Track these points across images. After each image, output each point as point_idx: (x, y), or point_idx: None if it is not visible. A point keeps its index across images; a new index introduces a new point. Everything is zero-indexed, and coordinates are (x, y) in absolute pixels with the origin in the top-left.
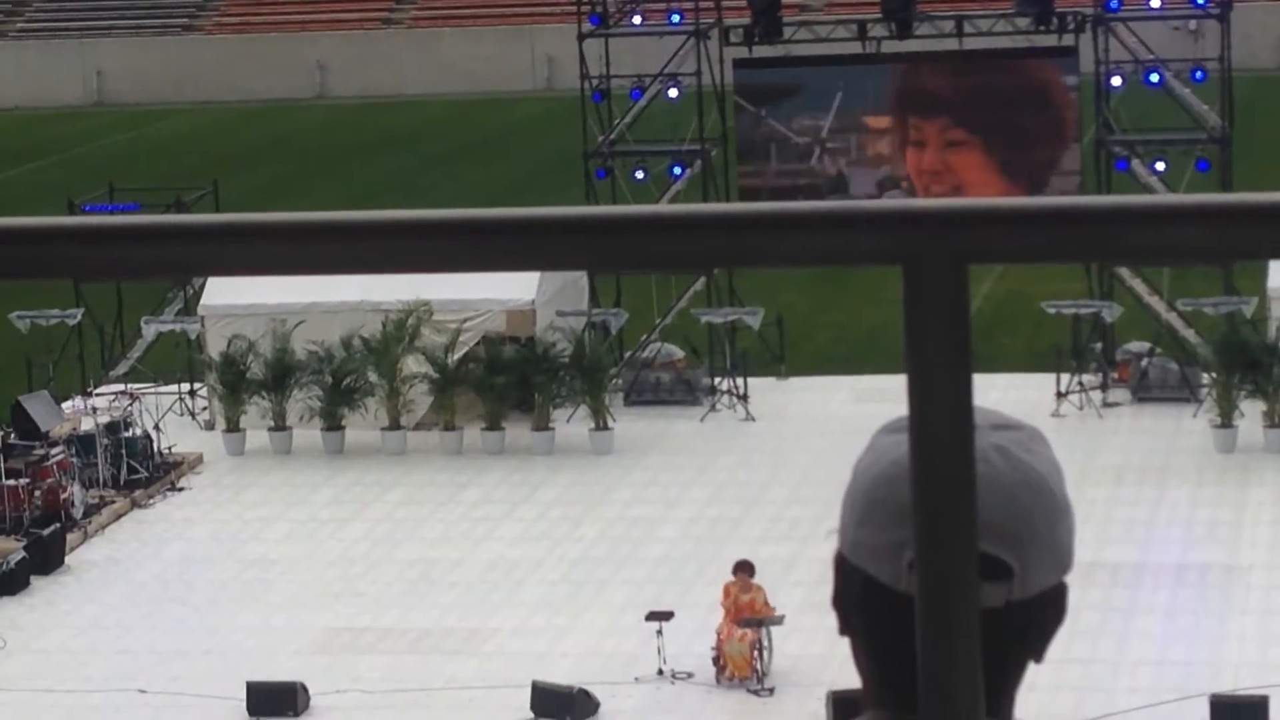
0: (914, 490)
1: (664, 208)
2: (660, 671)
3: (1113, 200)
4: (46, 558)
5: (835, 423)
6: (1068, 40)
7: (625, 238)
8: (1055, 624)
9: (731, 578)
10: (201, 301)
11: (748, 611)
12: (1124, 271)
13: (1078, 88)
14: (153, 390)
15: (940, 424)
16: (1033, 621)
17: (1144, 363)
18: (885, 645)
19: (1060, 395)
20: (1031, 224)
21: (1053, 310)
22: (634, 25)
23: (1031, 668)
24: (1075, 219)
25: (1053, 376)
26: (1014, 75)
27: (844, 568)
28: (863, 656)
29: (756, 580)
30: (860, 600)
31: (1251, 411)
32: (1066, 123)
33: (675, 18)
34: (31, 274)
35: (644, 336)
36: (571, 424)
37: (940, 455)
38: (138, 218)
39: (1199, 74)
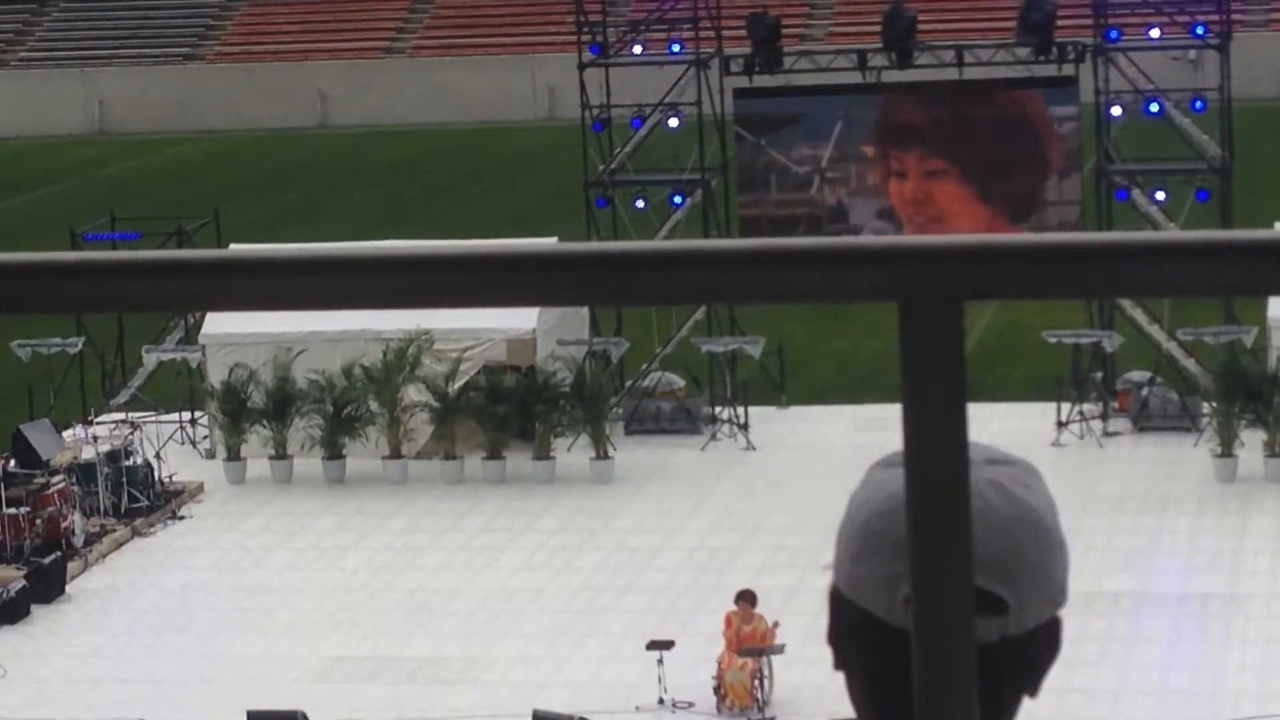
0: (909, 525)
1: (658, 244)
2: (661, 700)
3: (1109, 237)
4: (47, 586)
5: (836, 452)
6: (1068, 70)
7: (620, 274)
8: (1050, 658)
9: (734, 607)
10: (202, 330)
11: (750, 641)
12: (1124, 301)
13: (1077, 117)
14: (154, 419)
15: (935, 459)
16: (1028, 656)
17: (1144, 392)
18: (881, 680)
19: (1060, 424)
20: (1027, 261)
21: (1053, 340)
22: (634, 55)
23: (1029, 701)
24: (1071, 256)
25: (1053, 406)
26: (995, 106)
27: (839, 603)
28: (858, 692)
29: (759, 610)
30: (856, 635)
31: (1252, 441)
32: (1050, 152)
33: (675, 47)
34: (33, 309)
35: (645, 365)
36: (572, 453)
37: (936, 490)
38: (138, 254)
39: (1199, 104)
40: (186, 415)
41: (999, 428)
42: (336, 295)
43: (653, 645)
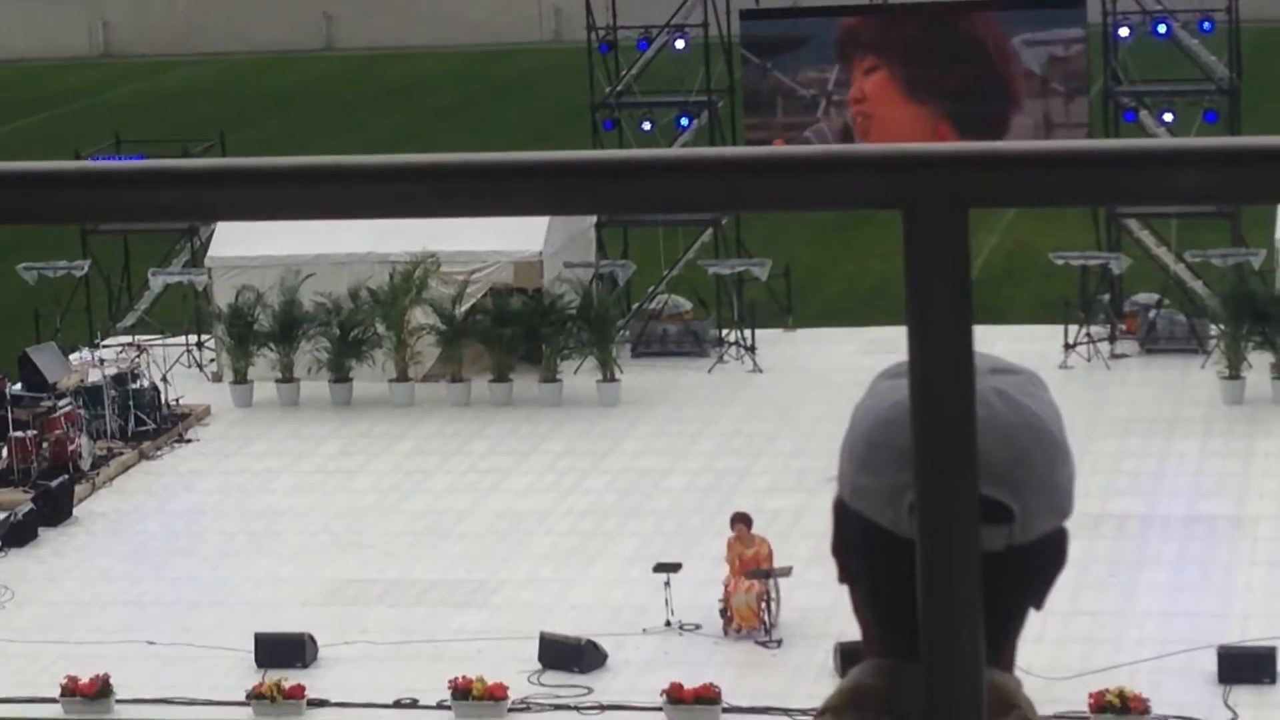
0: (914, 433)
1: (662, 152)
2: (668, 623)
3: (1113, 143)
4: (54, 509)
5: (842, 374)
6: None
7: (625, 182)
8: (1056, 569)
9: (731, 532)
10: (209, 253)
11: (751, 564)
12: (1132, 223)
13: (1084, 39)
14: (160, 342)
15: (940, 366)
16: (1033, 566)
17: (1152, 314)
18: (885, 591)
19: (1068, 347)
20: (1032, 168)
21: (1060, 262)
22: None
23: (1040, 620)
24: (1076, 162)
25: (1060, 328)
26: (958, 27)
27: (843, 514)
28: (862, 604)
29: (764, 532)
30: (860, 546)
31: (1259, 363)
32: (1009, 80)
33: None
34: (34, 219)
35: (651, 288)
36: (579, 376)
37: (940, 397)
38: (141, 163)
39: (1207, 25)
40: (193, 338)
41: (1006, 349)
42: (342, 205)
43: (659, 568)
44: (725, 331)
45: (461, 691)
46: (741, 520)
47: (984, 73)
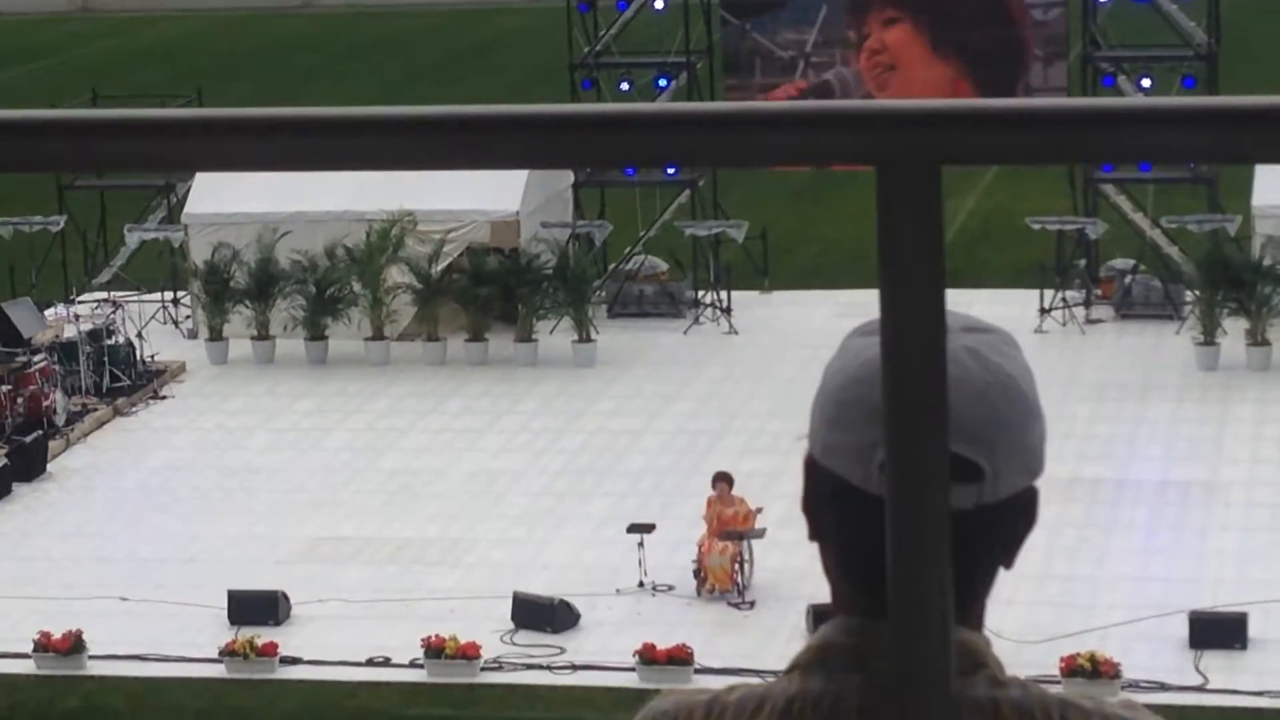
0: (885, 390)
1: (635, 106)
2: (641, 584)
3: (1085, 102)
4: (28, 464)
5: (818, 336)
6: None
7: (599, 136)
8: (1026, 529)
9: (711, 491)
10: (185, 210)
11: (730, 524)
12: (1108, 188)
13: (1063, 3)
14: (136, 298)
15: (913, 324)
16: (1003, 525)
17: (1127, 280)
18: (855, 549)
19: (1043, 311)
20: (1006, 125)
21: (1037, 226)
22: None
23: (1012, 583)
24: (1049, 120)
25: (1036, 293)
26: None
27: (814, 471)
28: (832, 561)
29: (739, 493)
30: (830, 503)
31: (1234, 329)
32: (1025, 35)
33: None
34: (7, 168)
35: (628, 249)
36: (555, 336)
37: (912, 355)
38: (116, 111)
39: None
40: (169, 295)
41: (981, 313)
42: (320, 157)
43: (633, 528)
44: (701, 293)
45: (434, 650)
46: (724, 479)
47: (1006, 33)
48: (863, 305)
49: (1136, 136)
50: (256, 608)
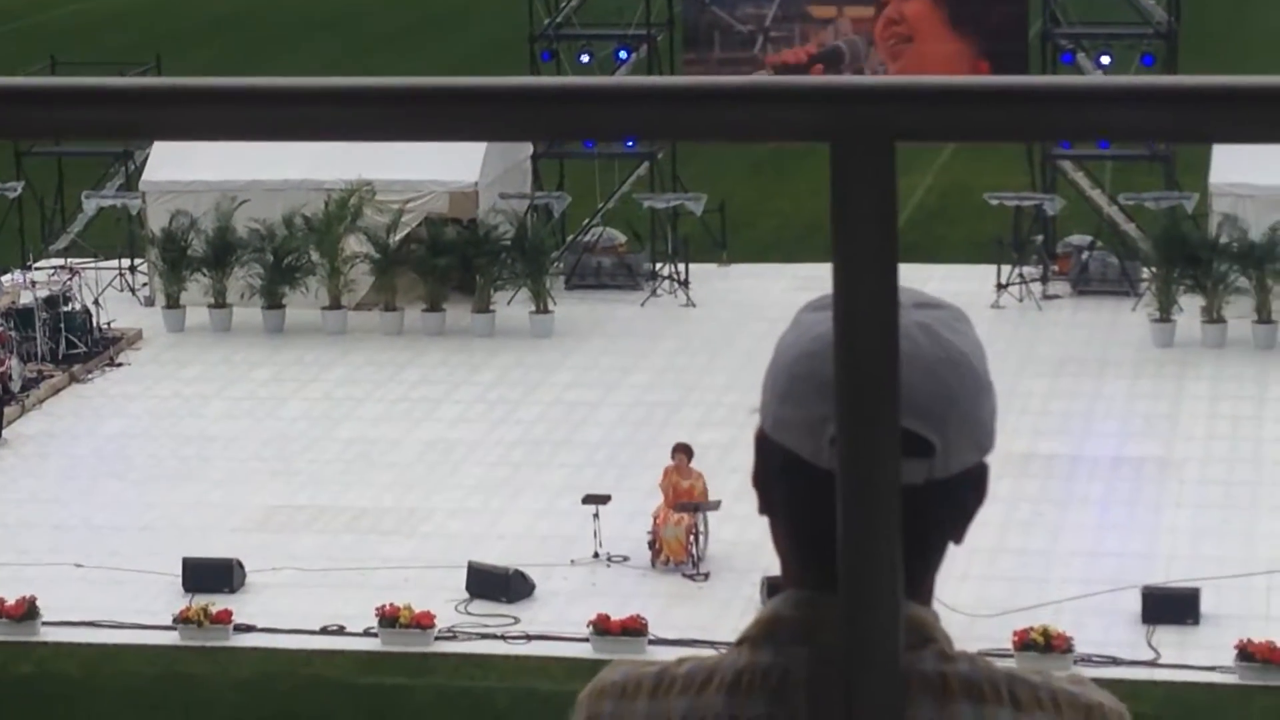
0: (836, 365)
1: (592, 80)
2: (596, 555)
3: (1039, 80)
4: None
5: (776, 310)
6: None
7: (554, 109)
8: (976, 504)
9: (670, 461)
10: (143, 177)
11: (686, 497)
12: (1066, 165)
13: None
14: (93, 265)
15: (865, 300)
16: (954, 500)
17: (1085, 256)
18: (805, 523)
19: (1000, 287)
20: (960, 102)
21: (995, 202)
22: None
23: (965, 557)
24: (1004, 97)
25: (993, 268)
26: None
27: (765, 445)
28: (782, 535)
29: (696, 466)
30: (781, 478)
31: (1190, 306)
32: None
33: None
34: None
35: (586, 220)
36: (512, 306)
37: (864, 331)
38: (77, 79)
39: None
40: (126, 262)
41: (938, 289)
42: (279, 127)
43: (589, 499)
44: (659, 265)
45: (389, 619)
46: (683, 451)
47: (1021, 11)
48: (820, 279)
49: (1094, 114)
50: (211, 575)
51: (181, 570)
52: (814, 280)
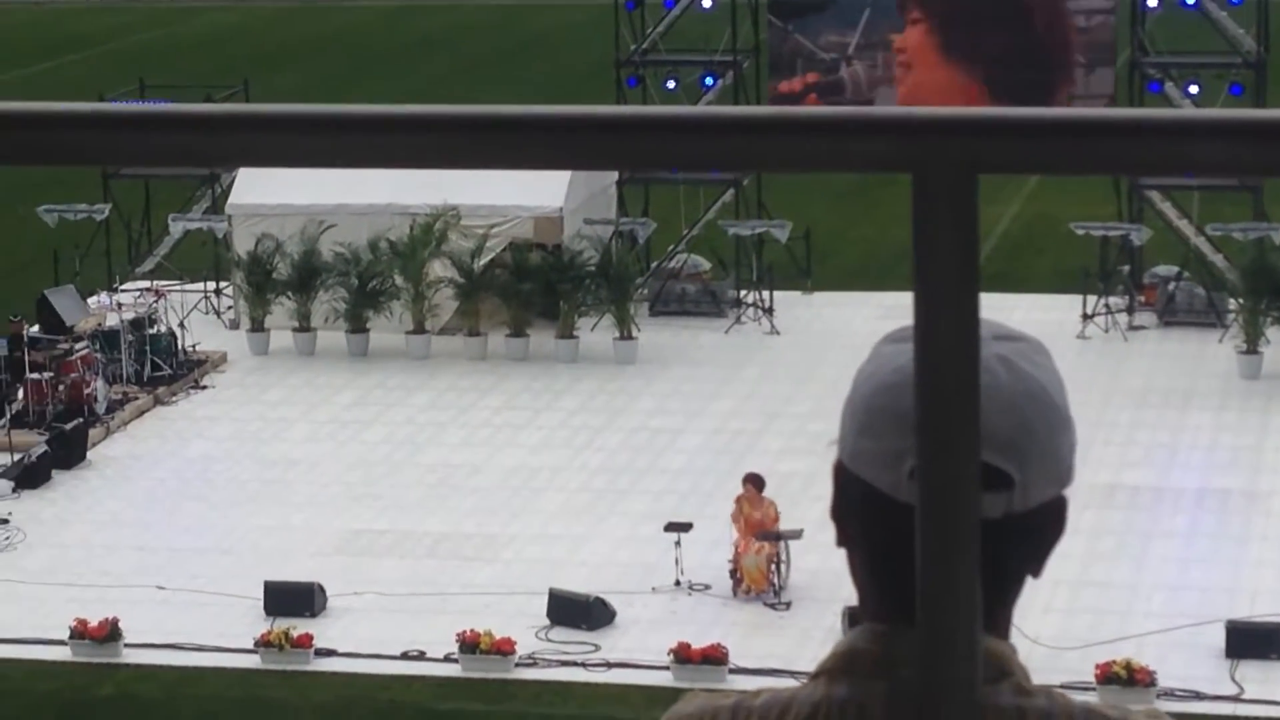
0: (917, 398)
1: (675, 109)
2: (677, 583)
3: (1121, 112)
4: (68, 452)
5: (859, 338)
6: None
7: (636, 138)
8: (1054, 538)
9: (740, 491)
10: (229, 200)
11: (757, 528)
12: (1154, 194)
13: (1112, 10)
14: (178, 288)
15: (946, 331)
16: (1032, 534)
17: (1171, 287)
18: (883, 556)
19: (1086, 317)
20: (1042, 134)
21: (1081, 232)
22: None
23: (1048, 589)
24: (1085, 131)
25: (1079, 298)
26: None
27: (843, 477)
28: (860, 568)
29: (776, 495)
30: (859, 510)
31: (1277, 338)
32: (1058, 47)
33: None
34: (50, 160)
35: (671, 247)
36: (596, 332)
37: (944, 362)
38: (159, 106)
39: None
40: (211, 285)
41: (1024, 319)
42: (362, 154)
43: (671, 527)
44: (743, 292)
45: (469, 645)
46: (752, 481)
47: (1027, 40)
48: (905, 308)
49: (1173, 149)
50: (293, 599)
51: (263, 593)
52: (898, 309)
